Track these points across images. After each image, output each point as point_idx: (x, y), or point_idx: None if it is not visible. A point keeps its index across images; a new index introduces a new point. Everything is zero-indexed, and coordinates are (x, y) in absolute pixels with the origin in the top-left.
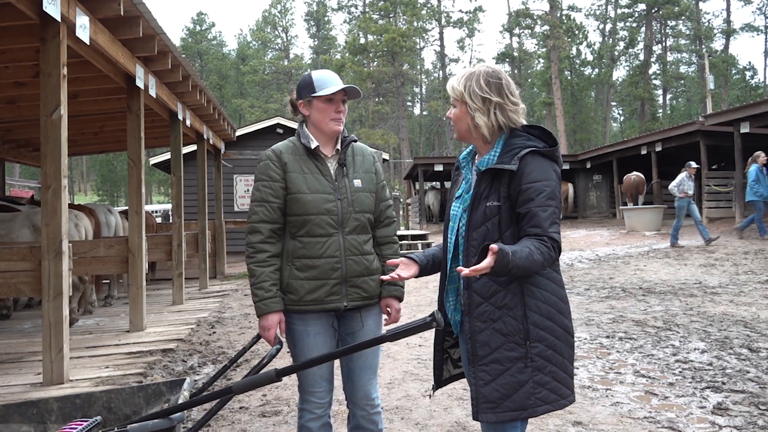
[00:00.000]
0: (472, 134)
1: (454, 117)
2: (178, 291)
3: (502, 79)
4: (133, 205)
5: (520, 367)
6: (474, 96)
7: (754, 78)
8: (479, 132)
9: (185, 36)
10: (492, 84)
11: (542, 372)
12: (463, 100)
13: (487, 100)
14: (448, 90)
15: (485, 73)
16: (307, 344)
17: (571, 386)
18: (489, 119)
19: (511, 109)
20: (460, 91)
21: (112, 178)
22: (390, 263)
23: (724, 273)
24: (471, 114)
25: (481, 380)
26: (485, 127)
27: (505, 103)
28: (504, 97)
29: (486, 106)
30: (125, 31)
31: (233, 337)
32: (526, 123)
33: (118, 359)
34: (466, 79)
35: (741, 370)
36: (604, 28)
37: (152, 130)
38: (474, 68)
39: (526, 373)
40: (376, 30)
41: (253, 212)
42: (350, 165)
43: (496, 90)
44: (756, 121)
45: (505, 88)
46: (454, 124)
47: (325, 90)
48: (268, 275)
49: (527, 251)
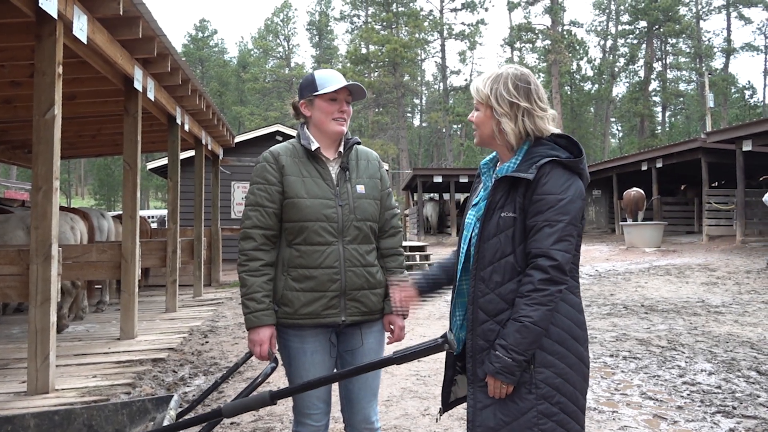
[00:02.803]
0: (495, 140)
1: (477, 121)
2: (171, 298)
3: (531, 84)
4: (127, 209)
5: (523, 393)
6: (501, 100)
7: (754, 97)
8: (504, 138)
9: (187, 42)
10: (521, 88)
11: (548, 401)
12: (489, 103)
13: (515, 105)
14: (473, 92)
15: (513, 75)
16: (303, 363)
17: (582, 422)
18: (516, 125)
19: (540, 116)
20: (485, 94)
21: (110, 182)
22: (390, 284)
23: (726, 292)
24: (497, 119)
25: (480, 402)
26: (512, 134)
27: (534, 109)
28: (533, 103)
29: (513, 112)
30: (124, 31)
31: (226, 348)
32: (556, 131)
33: (107, 368)
34: (492, 82)
35: (751, 394)
36: (605, 45)
37: (150, 134)
38: (501, 70)
39: (529, 400)
40: (377, 40)
41: (247, 217)
42: (353, 169)
43: (524, 95)
44: (759, 140)
45: (534, 93)
46: (477, 128)
47: (328, 87)
48: (261, 285)
49: (518, 325)
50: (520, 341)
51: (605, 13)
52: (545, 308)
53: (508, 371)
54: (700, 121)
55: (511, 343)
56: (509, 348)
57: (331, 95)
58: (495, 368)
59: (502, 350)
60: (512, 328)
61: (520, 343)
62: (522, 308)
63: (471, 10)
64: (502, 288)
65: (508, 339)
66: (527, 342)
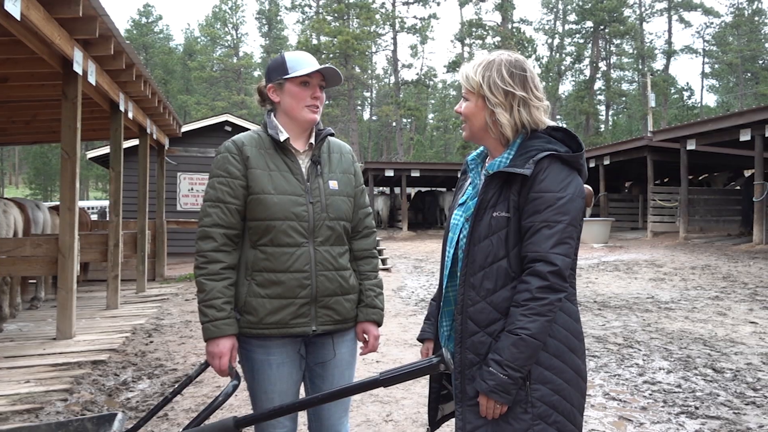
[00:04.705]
0: (488, 133)
1: (467, 112)
2: (112, 294)
3: (526, 71)
4: (65, 200)
5: (518, 412)
6: (495, 88)
7: (692, 98)
8: (498, 131)
9: (130, 27)
10: (516, 75)
11: (545, 421)
12: (481, 92)
13: (510, 93)
14: (461, 80)
15: (507, 62)
16: (268, 376)
17: None
18: (512, 116)
19: (536, 106)
20: (477, 82)
21: (47, 171)
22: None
23: (674, 288)
24: (490, 109)
25: (470, 423)
26: (508, 125)
27: (530, 99)
28: (529, 92)
29: (508, 101)
30: (63, 9)
31: (172, 348)
32: (552, 124)
33: (42, 372)
34: (484, 68)
35: (711, 393)
36: (552, 43)
37: (90, 121)
38: (493, 56)
39: (525, 421)
40: (329, 32)
41: (206, 214)
42: (325, 163)
43: (520, 82)
44: (702, 139)
45: (530, 81)
46: (466, 120)
47: (300, 70)
48: (221, 291)
49: (514, 338)
50: (516, 356)
51: (553, 12)
52: (544, 319)
53: (503, 390)
54: (641, 120)
55: (506, 358)
56: (504, 364)
57: (303, 78)
58: (489, 386)
59: (496, 366)
60: (507, 342)
61: (517, 358)
62: (518, 319)
63: (423, 4)
64: (494, 296)
65: (503, 354)
66: (524, 357)
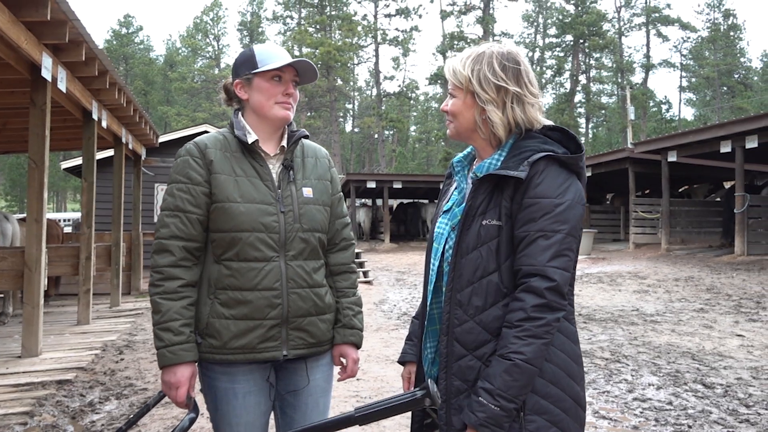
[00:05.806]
0: (478, 132)
1: (454, 110)
2: (84, 309)
3: (520, 64)
4: (32, 212)
5: None
6: (485, 83)
7: (670, 111)
8: (489, 130)
9: (110, 38)
10: (509, 69)
11: None
12: (470, 88)
13: (503, 89)
14: (448, 74)
15: (499, 54)
16: (234, 407)
17: None
18: (504, 114)
19: (531, 103)
20: (465, 77)
21: (23, 182)
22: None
23: (658, 300)
24: (480, 106)
25: None
26: (501, 124)
27: (525, 95)
28: (523, 87)
29: (501, 97)
30: (29, 12)
31: (144, 366)
32: (548, 123)
33: (2, 393)
34: (473, 62)
35: (703, 410)
36: (533, 56)
37: (63, 130)
38: (483, 48)
39: None
40: (311, 43)
41: (163, 224)
42: (299, 168)
43: (513, 77)
44: (683, 151)
45: (524, 75)
46: (453, 119)
47: (271, 64)
48: (179, 311)
49: (506, 363)
50: (509, 384)
51: (534, 25)
52: (540, 342)
53: (494, 423)
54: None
55: (498, 386)
56: (496, 393)
57: (274, 73)
58: (478, 419)
59: (486, 396)
60: (499, 368)
61: (510, 386)
62: (511, 342)
63: (405, 17)
64: (483, 314)
65: (495, 381)
66: (518, 385)
